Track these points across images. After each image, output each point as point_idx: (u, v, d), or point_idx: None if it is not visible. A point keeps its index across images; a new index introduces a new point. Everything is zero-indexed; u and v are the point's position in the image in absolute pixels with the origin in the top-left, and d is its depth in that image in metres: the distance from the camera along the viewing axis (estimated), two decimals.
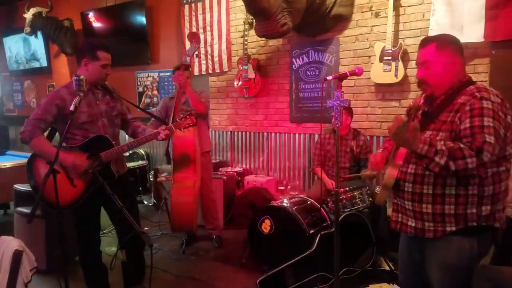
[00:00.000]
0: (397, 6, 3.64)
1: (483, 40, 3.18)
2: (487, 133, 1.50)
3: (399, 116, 1.53)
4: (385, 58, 3.64)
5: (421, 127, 1.63)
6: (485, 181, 1.60)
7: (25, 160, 2.56)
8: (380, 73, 3.69)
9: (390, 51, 3.61)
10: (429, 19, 3.43)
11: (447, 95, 1.69)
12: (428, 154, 1.50)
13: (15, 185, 3.53)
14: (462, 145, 1.51)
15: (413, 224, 1.74)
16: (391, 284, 2.73)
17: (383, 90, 3.86)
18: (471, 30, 3.20)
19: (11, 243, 1.81)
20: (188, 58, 3.45)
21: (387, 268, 3.03)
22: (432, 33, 3.35)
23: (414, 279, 1.93)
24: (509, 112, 1.62)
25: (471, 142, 1.50)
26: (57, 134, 2.61)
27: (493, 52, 3.25)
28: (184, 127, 2.60)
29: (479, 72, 3.35)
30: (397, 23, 3.68)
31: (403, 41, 3.62)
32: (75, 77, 2.15)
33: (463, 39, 3.23)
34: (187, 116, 2.61)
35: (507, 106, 1.62)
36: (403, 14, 3.66)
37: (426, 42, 1.76)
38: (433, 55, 1.71)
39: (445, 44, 1.71)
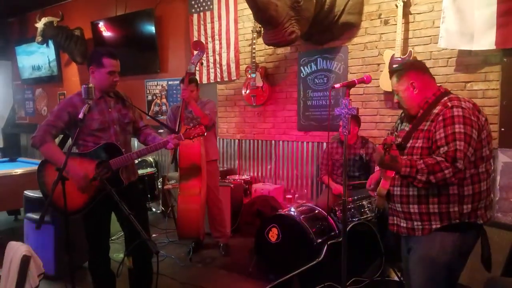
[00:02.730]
0: (406, 13, 3.63)
1: (494, 47, 3.13)
2: (458, 139, 1.71)
3: (378, 148, 1.77)
4: (394, 66, 3.62)
5: (404, 140, 1.89)
6: (464, 182, 1.78)
7: (35, 167, 2.58)
8: (389, 81, 3.67)
9: (399, 59, 3.59)
10: (439, 27, 3.40)
11: (425, 110, 1.89)
12: (411, 174, 1.73)
13: (25, 192, 3.57)
14: (438, 159, 1.71)
15: (405, 225, 1.92)
16: None
17: (393, 98, 3.82)
18: (482, 38, 3.16)
19: (20, 249, 1.82)
20: (193, 67, 3.48)
21: (396, 278, 2.98)
22: (442, 40, 3.32)
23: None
24: (482, 114, 1.82)
25: (446, 152, 1.71)
26: (70, 140, 2.64)
27: (504, 59, 3.22)
28: (194, 136, 2.58)
29: (490, 80, 3.32)
30: (406, 30, 3.67)
31: (412, 49, 3.60)
32: (84, 86, 2.19)
33: (473, 47, 3.22)
34: (197, 126, 2.61)
35: (479, 109, 1.83)
36: (413, 22, 3.65)
37: (390, 74, 2.02)
38: (396, 85, 1.98)
39: (403, 72, 1.95)
